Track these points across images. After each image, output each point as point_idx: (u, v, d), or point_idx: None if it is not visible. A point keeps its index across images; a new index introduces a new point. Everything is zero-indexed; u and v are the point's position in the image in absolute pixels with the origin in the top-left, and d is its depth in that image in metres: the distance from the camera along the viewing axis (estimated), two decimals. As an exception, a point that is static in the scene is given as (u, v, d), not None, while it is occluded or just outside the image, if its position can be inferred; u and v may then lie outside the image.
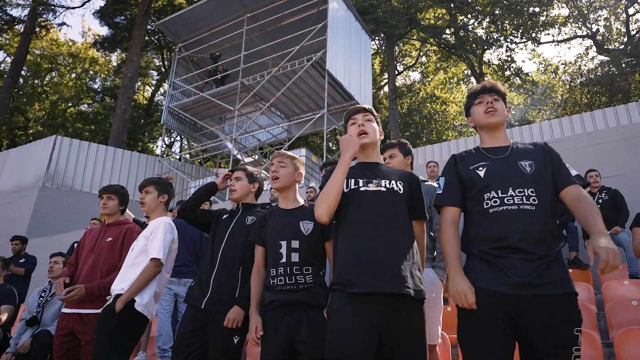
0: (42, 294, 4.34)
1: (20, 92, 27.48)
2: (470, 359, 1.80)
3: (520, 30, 22.47)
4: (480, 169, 1.98)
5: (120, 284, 2.88)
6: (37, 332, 4.02)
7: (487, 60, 24.54)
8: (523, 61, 46.82)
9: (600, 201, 5.75)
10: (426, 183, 2.87)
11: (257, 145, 17.22)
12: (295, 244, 2.34)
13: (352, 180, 2.07)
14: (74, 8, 22.63)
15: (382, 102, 26.31)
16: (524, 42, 23.72)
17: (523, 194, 1.86)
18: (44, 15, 21.34)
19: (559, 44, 24.00)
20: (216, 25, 14.59)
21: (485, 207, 1.91)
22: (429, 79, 27.53)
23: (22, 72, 24.98)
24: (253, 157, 15.85)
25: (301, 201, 2.57)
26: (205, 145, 16.15)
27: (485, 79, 24.04)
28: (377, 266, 1.87)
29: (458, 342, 1.85)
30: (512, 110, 27.33)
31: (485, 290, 1.79)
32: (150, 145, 30.12)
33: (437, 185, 2.18)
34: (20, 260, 6.74)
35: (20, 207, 12.79)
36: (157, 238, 2.93)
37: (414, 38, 24.08)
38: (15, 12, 20.16)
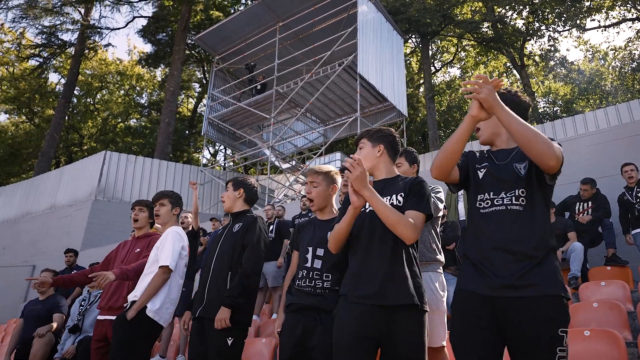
0: (82, 303, 4.68)
1: (75, 111, 29.20)
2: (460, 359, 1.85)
3: (563, 18, 21.58)
4: (482, 170, 2.02)
5: (134, 292, 3.10)
6: (82, 338, 4.34)
7: (528, 52, 23.75)
8: (567, 50, 45.03)
9: (639, 196, 5.50)
10: None
11: (295, 151, 17.47)
12: (320, 251, 2.49)
13: None
14: (118, 29, 23.85)
15: (420, 100, 25.97)
16: (568, 29, 22.77)
17: (513, 194, 1.88)
18: (92, 38, 22.55)
19: (607, 29, 22.79)
20: (250, 36, 14.96)
21: (477, 207, 1.96)
22: (469, 74, 26.95)
23: (75, 92, 26.55)
24: (290, 162, 16.11)
25: (337, 213, 2.66)
26: (245, 154, 16.56)
27: (528, 71, 23.27)
28: (370, 280, 2.00)
29: (450, 343, 1.90)
30: (559, 102, 26.29)
31: (471, 293, 1.84)
32: (196, 156, 31.14)
33: None
34: (72, 272, 7.21)
35: (75, 220, 13.59)
36: (165, 247, 3.12)
37: (451, 35, 23.64)
38: (66, 37, 21.51)
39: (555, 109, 26.09)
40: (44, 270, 5.19)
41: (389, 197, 2.14)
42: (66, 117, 24.06)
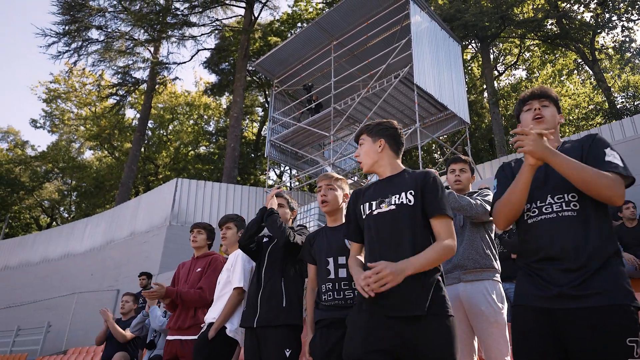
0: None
1: (150, 143, 31.19)
2: None
3: (637, 6, 20.09)
4: None
5: (212, 314, 3.26)
6: (152, 355, 4.56)
7: (600, 45, 22.29)
8: (646, 38, 41.87)
9: None
10: None
11: (356, 167, 17.45)
12: (342, 260, 2.39)
13: (367, 205, 2.04)
14: (184, 62, 25.34)
15: (484, 106, 25.10)
16: (644, 17, 21.14)
17: (562, 199, 1.76)
18: (161, 73, 24.09)
19: (689, 11, 20.86)
20: (306, 57, 15.28)
21: (525, 217, 1.86)
22: (536, 75, 25.71)
23: (149, 125, 28.37)
24: (352, 179, 16.10)
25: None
26: (308, 172, 16.79)
27: (602, 65, 21.80)
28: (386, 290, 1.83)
29: (514, 360, 1.81)
30: (640, 95, 24.32)
31: (525, 307, 1.75)
32: (263, 178, 32.03)
33: None
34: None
35: (152, 245, 14.40)
36: (237, 269, 3.26)
37: (512, 36, 22.75)
38: (138, 74, 23.12)
39: (636, 103, 24.16)
40: (125, 294, 5.59)
41: (397, 196, 1.94)
42: (142, 149, 25.75)
